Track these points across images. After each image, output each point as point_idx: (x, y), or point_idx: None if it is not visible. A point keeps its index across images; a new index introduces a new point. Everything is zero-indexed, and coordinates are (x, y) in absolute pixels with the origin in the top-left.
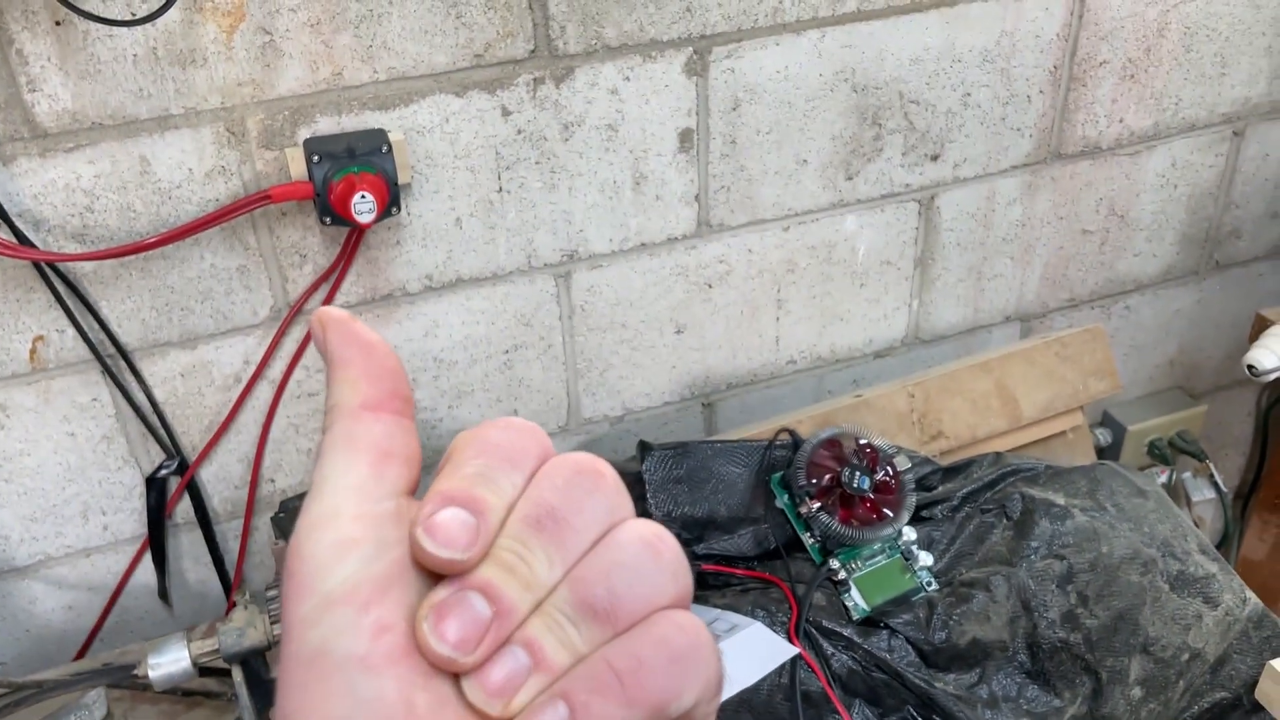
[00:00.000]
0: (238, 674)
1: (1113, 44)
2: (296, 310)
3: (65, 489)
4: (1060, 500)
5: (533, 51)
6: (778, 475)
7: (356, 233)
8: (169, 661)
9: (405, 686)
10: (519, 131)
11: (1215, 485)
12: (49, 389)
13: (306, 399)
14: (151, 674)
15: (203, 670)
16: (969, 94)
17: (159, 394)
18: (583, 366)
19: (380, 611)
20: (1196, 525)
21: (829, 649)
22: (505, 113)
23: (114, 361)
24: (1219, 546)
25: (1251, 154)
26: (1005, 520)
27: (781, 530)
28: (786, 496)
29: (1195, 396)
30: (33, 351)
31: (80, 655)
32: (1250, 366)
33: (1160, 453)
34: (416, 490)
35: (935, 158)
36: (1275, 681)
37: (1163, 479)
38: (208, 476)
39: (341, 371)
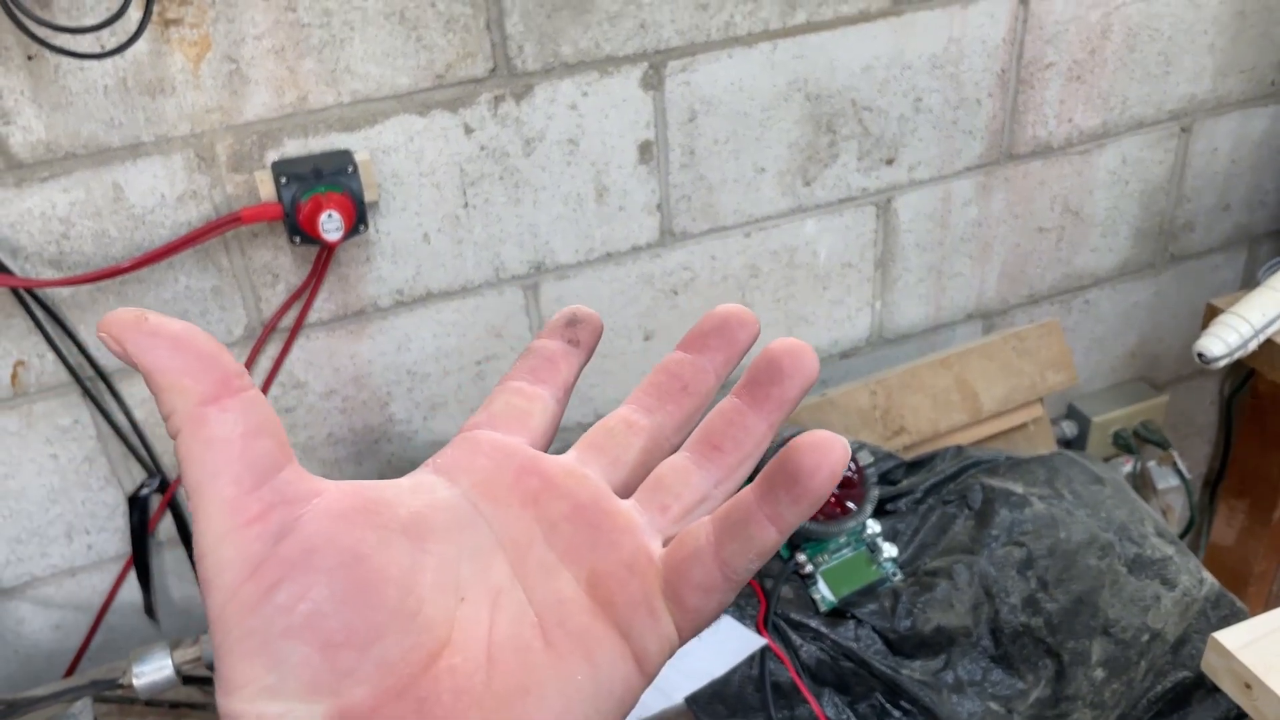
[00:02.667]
0: None
1: (1058, 47)
2: (270, 328)
3: (49, 510)
4: (1019, 489)
5: (492, 70)
6: None
7: (326, 251)
8: (152, 670)
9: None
10: (482, 148)
11: (1179, 473)
12: (30, 412)
13: (283, 415)
14: (136, 682)
15: (187, 679)
16: (920, 99)
17: (139, 414)
18: None
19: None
20: (1164, 513)
21: (797, 640)
22: (468, 130)
23: (94, 384)
24: (1186, 533)
25: (1200, 149)
26: (967, 510)
27: None
28: None
29: (1158, 387)
30: (13, 376)
31: (69, 673)
32: (1200, 354)
33: (1125, 443)
34: (289, 446)
35: (890, 162)
36: (1219, 654)
37: (1128, 469)
38: None
39: (160, 378)
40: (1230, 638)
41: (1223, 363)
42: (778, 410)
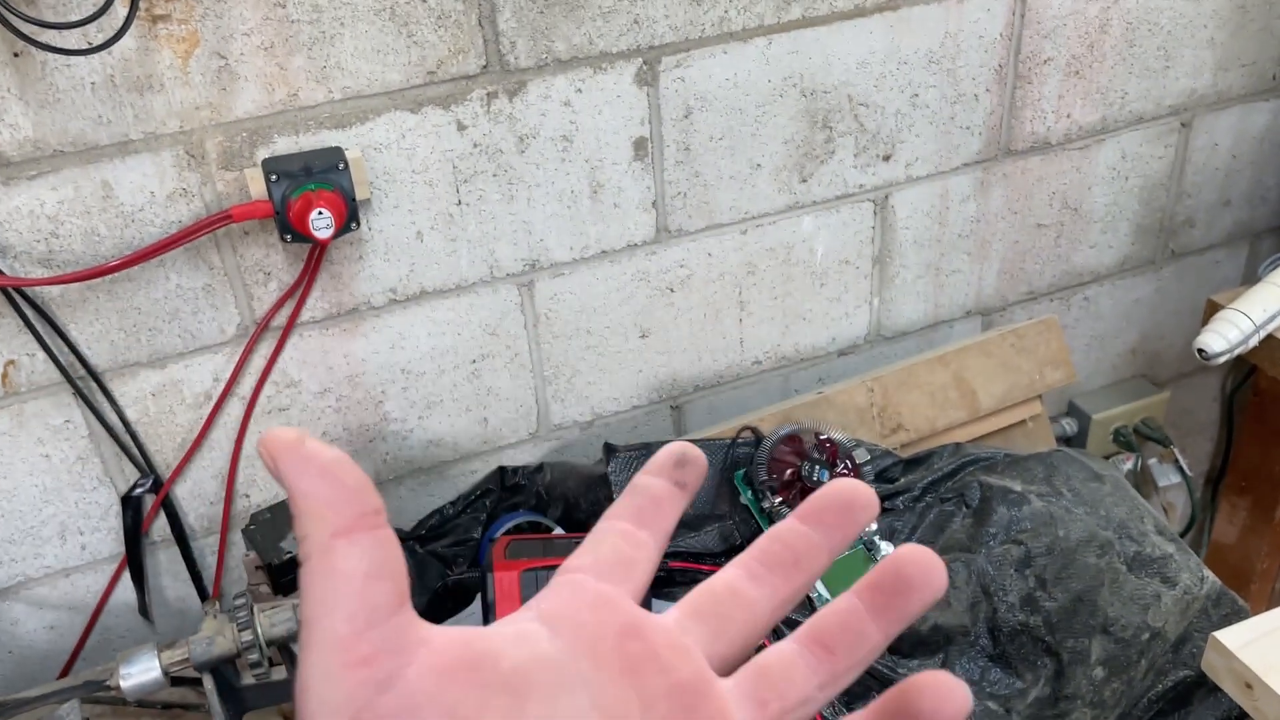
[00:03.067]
0: (209, 682)
1: (1056, 41)
2: (263, 327)
3: (42, 510)
4: (1017, 487)
5: (485, 67)
6: (741, 472)
7: (318, 249)
8: (140, 671)
9: None
10: (475, 145)
11: (1181, 470)
12: (22, 412)
13: (277, 414)
14: (123, 684)
15: (175, 680)
16: (917, 95)
17: (131, 414)
18: (550, 374)
19: None
20: (1165, 511)
21: None
22: (461, 127)
23: (85, 383)
24: (1188, 530)
25: (1200, 144)
26: (964, 508)
27: (746, 526)
28: (750, 493)
29: (1158, 384)
30: (4, 375)
31: (64, 674)
32: (1200, 350)
33: (1125, 440)
34: (408, 592)
35: (887, 158)
36: (1220, 654)
37: (1129, 466)
38: (182, 494)
39: (304, 502)
40: (1231, 637)
41: (1223, 359)
42: (898, 622)
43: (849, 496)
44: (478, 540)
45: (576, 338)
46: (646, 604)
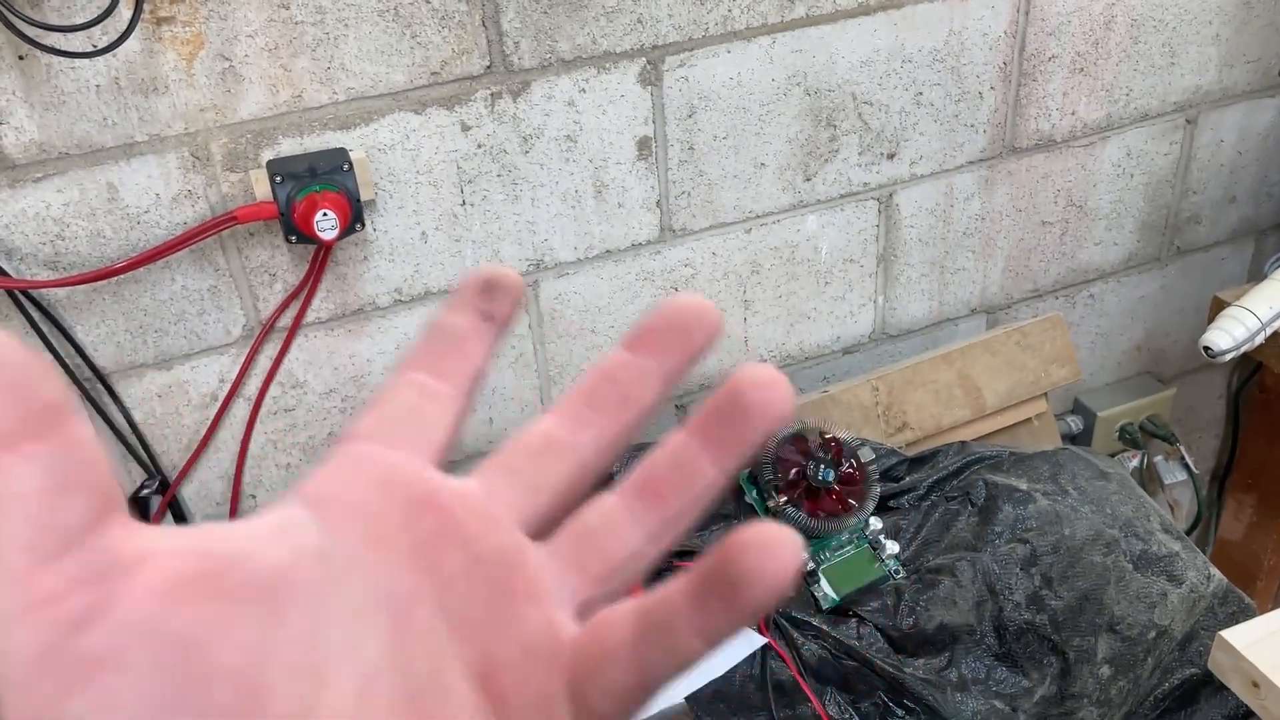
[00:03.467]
0: None
1: (1060, 39)
2: (269, 328)
3: None
4: (1023, 485)
5: (488, 67)
6: (745, 471)
7: (323, 250)
8: None
9: None
10: (479, 145)
11: (1187, 468)
12: None
13: (283, 415)
14: None
15: None
16: (921, 93)
17: (137, 415)
18: (554, 373)
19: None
20: (1171, 508)
21: (799, 638)
22: (465, 128)
23: (91, 385)
24: (1194, 528)
25: (1205, 141)
26: (970, 507)
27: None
28: (755, 492)
29: (1164, 381)
30: None
31: None
32: (1206, 348)
33: (1131, 437)
34: (116, 500)
35: (891, 156)
36: (1227, 652)
37: (1134, 464)
38: (189, 495)
39: None
40: (1238, 636)
41: (1229, 356)
42: (735, 454)
43: (680, 310)
44: None
45: (581, 337)
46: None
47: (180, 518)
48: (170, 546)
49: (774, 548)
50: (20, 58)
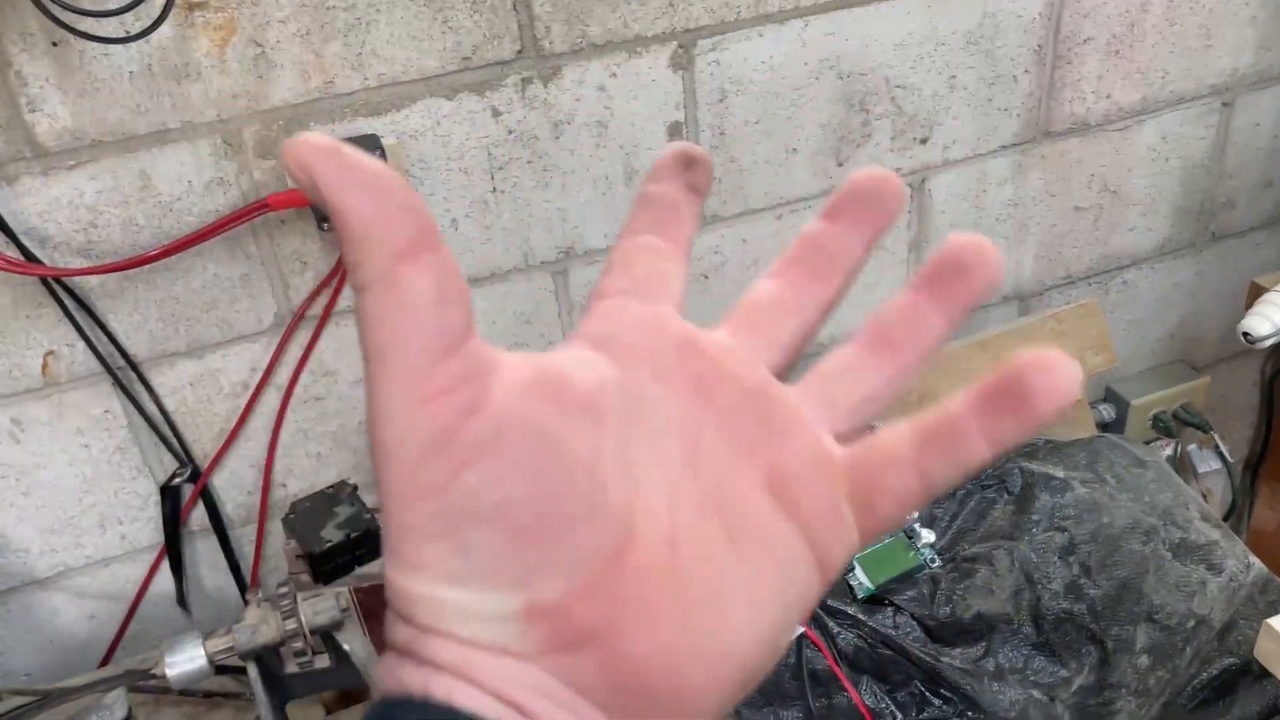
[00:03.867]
0: (253, 670)
1: (1096, 21)
2: (300, 316)
3: (82, 500)
4: (1060, 473)
5: (519, 52)
6: None
7: None
8: (185, 660)
9: None
10: (510, 131)
11: (1221, 456)
12: (62, 402)
13: (314, 403)
14: (169, 672)
15: (219, 669)
16: (954, 76)
17: (169, 403)
18: None
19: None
20: (1204, 497)
21: (835, 628)
22: (495, 114)
23: (124, 373)
24: (1228, 517)
25: (1241, 124)
26: (1006, 495)
27: None
28: None
29: (1198, 369)
30: (44, 366)
31: (104, 663)
32: (1245, 334)
33: (1164, 426)
34: (473, 317)
35: (924, 141)
36: (1274, 640)
37: (1168, 452)
38: (220, 483)
39: (356, 223)
40: None
41: (1269, 342)
42: (960, 308)
43: (876, 185)
44: None
45: None
46: None
47: (211, 507)
48: (515, 358)
49: (1061, 368)
50: (54, 44)
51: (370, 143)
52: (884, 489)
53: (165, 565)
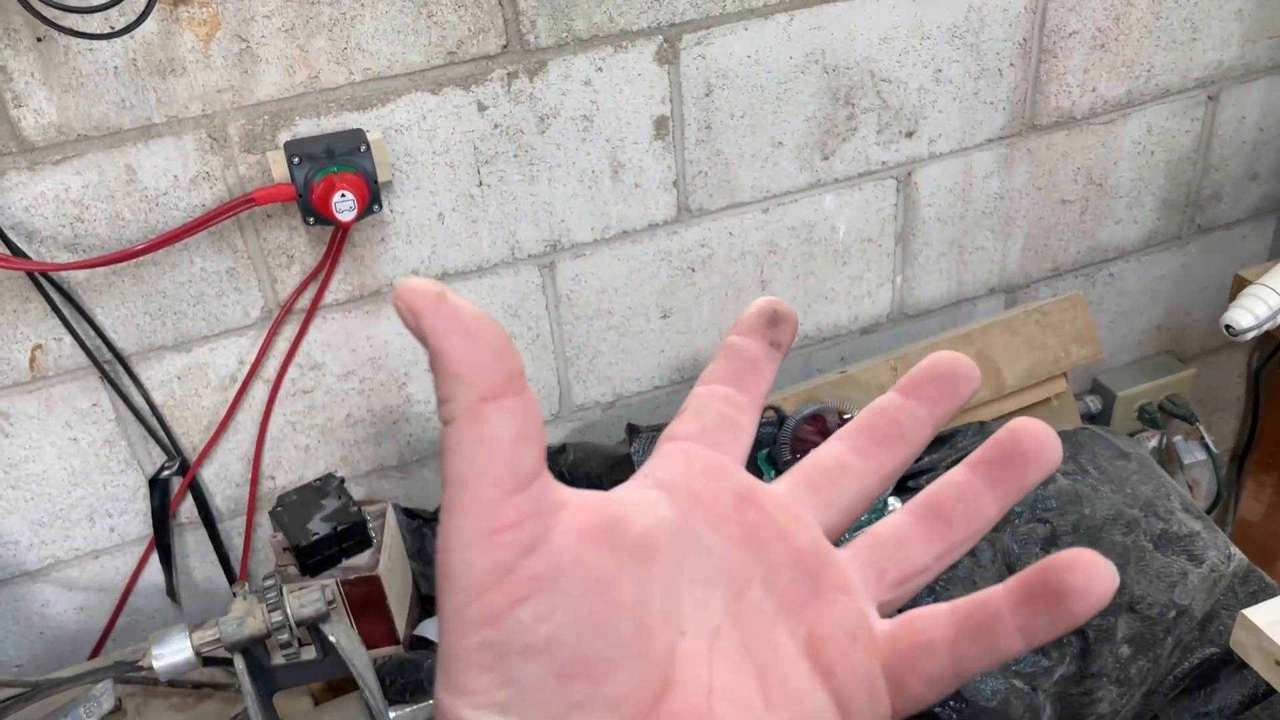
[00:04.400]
0: (239, 662)
1: (1081, 14)
2: (287, 309)
3: (71, 493)
4: None
5: (505, 46)
6: (764, 452)
7: (340, 231)
8: (172, 652)
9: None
10: (495, 126)
11: (1207, 447)
12: (50, 396)
13: (302, 396)
14: (155, 664)
15: (207, 660)
16: (940, 70)
17: (157, 397)
18: (572, 354)
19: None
20: (1190, 488)
21: None
22: (481, 108)
23: (112, 367)
24: (1213, 508)
25: (1227, 117)
26: None
27: None
28: (774, 473)
29: (1184, 360)
30: (32, 360)
31: (94, 654)
32: (1228, 326)
33: (1150, 417)
34: (546, 453)
35: (910, 134)
36: (1249, 631)
37: (1154, 443)
38: (209, 476)
39: (451, 365)
40: (1260, 614)
41: (1251, 335)
42: (1014, 494)
43: (950, 367)
44: None
45: (598, 318)
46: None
47: (200, 499)
48: (580, 498)
49: (1098, 571)
50: (38, 40)
51: (355, 137)
52: (918, 670)
53: (155, 557)
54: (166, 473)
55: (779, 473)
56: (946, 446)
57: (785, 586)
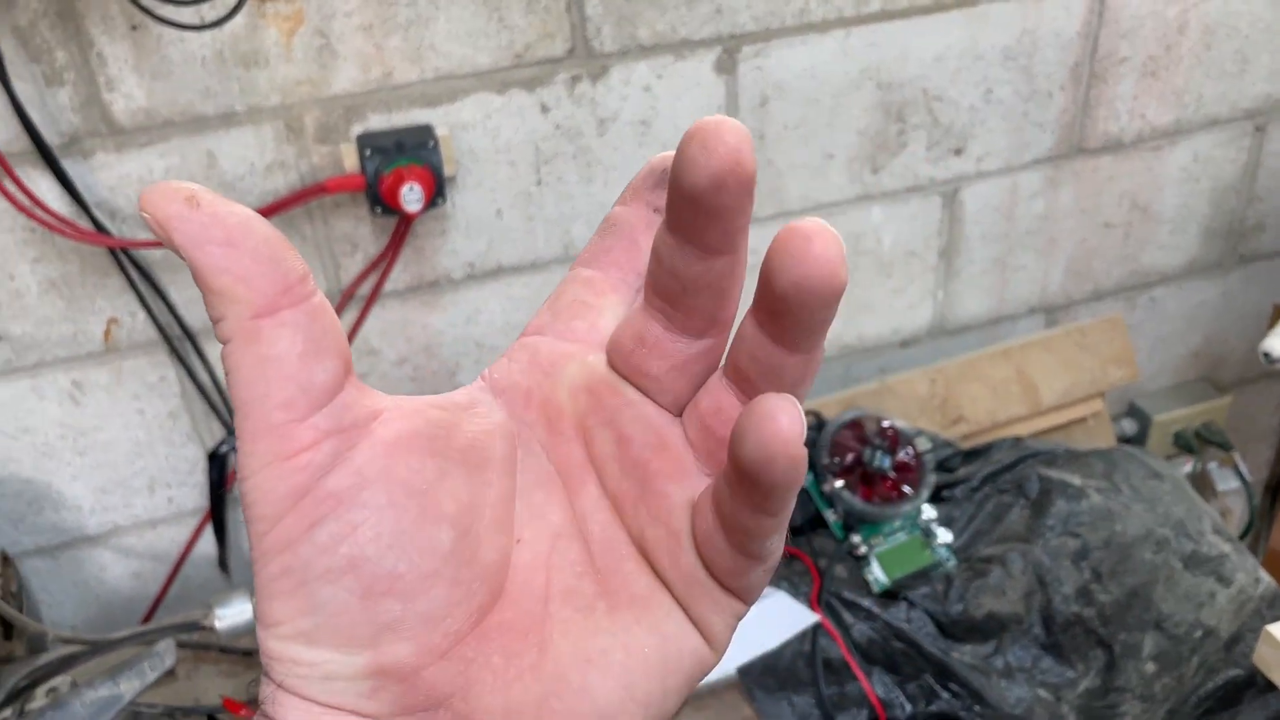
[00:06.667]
0: None
1: (1133, 42)
2: (348, 296)
3: (134, 463)
4: (1077, 481)
5: (570, 51)
6: None
7: (404, 222)
8: (234, 613)
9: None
10: (557, 127)
11: (1240, 476)
12: (121, 368)
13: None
14: (218, 624)
15: None
16: (991, 90)
17: (221, 374)
18: None
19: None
20: (1223, 515)
21: (849, 619)
22: (544, 109)
23: (181, 343)
24: (1244, 536)
25: (1274, 149)
26: (1023, 500)
27: (804, 508)
28: (811, 476)
29: (1221, 388)
30: (107, 332)
31: (146, 619)
32: (1266, 353)
33: (1186, 443)
34: (350, 361)
35: (959, 152)
36: (1272, 647)
37: (1188, 469)
38: None
39: (212, 279)
40: None
41: None
42: (809, 339)
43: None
44: None
45: None
46: None
47: None
48: (398, 405)
49: (773, 412)
50: (133, 28)
51: (424, 133)
52: (721, 569)
53: (209, 529)
54: (225, 448)
55: (816, 475)
56: (981, 459)
57: (615, 484)
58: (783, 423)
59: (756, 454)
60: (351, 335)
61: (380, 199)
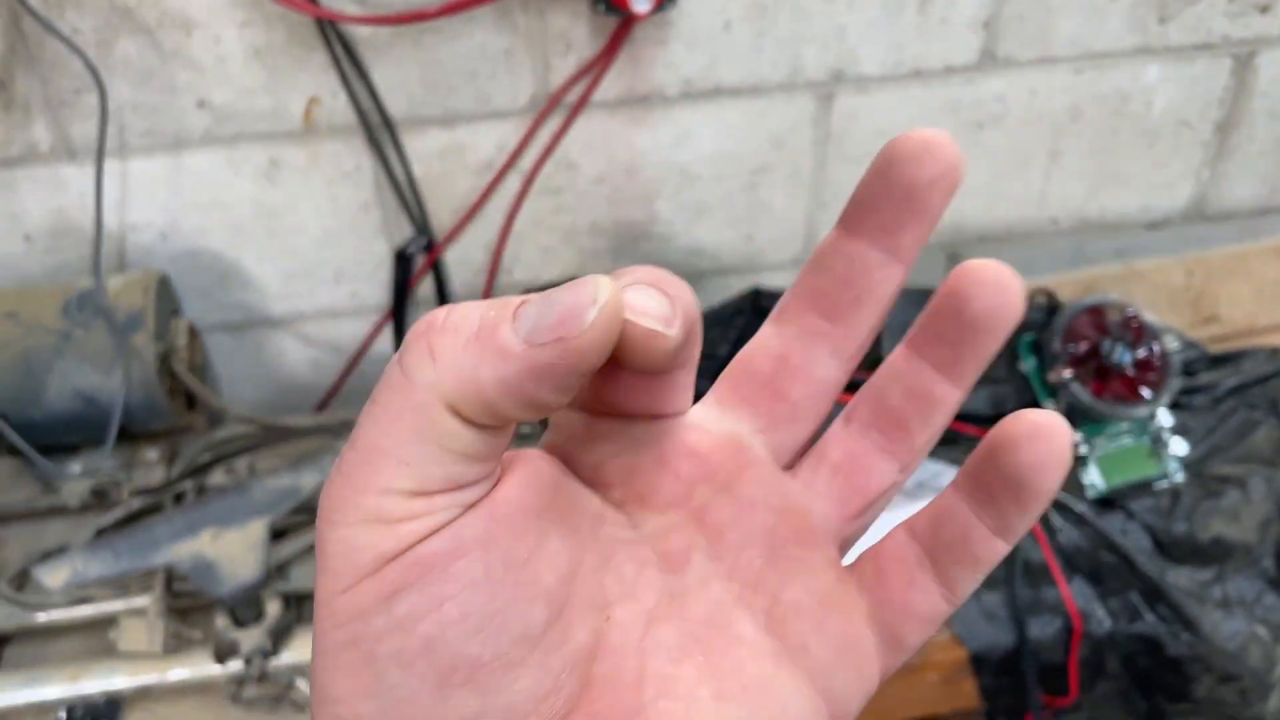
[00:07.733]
0: None
1: None
2: (555, 101)
3: (322, 251)
4: None
5: None
6: (1029, 337)
7: (626, 25)
8: None
9: None
10: None
11: None
12: (318, 151)
13: (551, 195)
14: None
15: None
16: None
17: (416, 170)
18: (828, 198)
19: None
20: None
21: (1058, 522)
22: None
23: (379, 131)
24: None
25: None
26: (1274, 419)
27: (1019, 395)
28: (1035, 361)
29: None
30: (307, 112)
31: (320, 408)
32: None
33: None
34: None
35: (1265, 9)
36: None
37: None
38: (452, 259)
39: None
40: None
41: None
42: (973, 371)
43: (914, 167)
44: (723, 359)
45: (864, 163)
46: None
47: (439, 280)
48: (522, 463)
49: (1047, 431)
50: None
51: None
52: (914, 615)
53: (389, 328)
54: (412, 248)
55: (1042, 363)
56: (1230, 367)
57: (733, 553)
58: (1061, 433)
59: (1032, 460)
60: (552, 145)
61: None
